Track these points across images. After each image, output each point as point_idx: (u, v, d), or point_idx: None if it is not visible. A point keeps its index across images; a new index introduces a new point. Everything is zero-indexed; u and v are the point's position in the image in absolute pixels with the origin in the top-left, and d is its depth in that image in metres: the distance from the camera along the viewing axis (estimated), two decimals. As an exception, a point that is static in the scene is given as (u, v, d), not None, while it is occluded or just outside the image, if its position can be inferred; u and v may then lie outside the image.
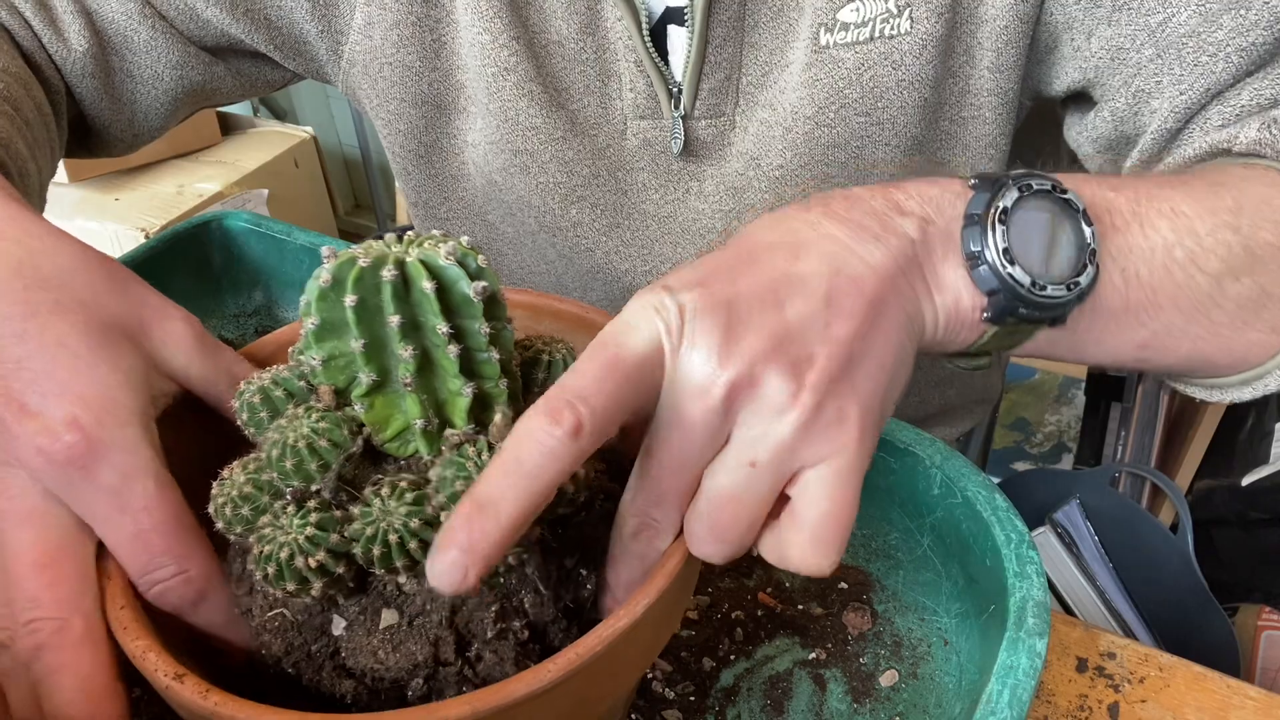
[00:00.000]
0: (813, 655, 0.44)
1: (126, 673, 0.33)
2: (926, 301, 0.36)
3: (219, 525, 0.34)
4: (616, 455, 0.37)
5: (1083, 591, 1.24)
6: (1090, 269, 0.36)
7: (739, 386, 0.31)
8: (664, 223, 0.65)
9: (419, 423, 0.33)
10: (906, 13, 0.55)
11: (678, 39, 0.59)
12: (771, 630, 0.45)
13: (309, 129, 1.89)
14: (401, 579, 0.33)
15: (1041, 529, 1.24)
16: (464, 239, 0.33)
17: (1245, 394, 0.45)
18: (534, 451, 0.29)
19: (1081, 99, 0.59)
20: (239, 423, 0.36)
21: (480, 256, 0.33)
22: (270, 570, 0.31)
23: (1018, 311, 0.35)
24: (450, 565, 0.28)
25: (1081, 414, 1.69)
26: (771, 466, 0.31)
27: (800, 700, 0.42)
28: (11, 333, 0.34)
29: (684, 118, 0.60)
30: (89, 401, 0.34)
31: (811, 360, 0.31)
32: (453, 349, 0.32)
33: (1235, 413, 1.42)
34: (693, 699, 0.42)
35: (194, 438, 0.37)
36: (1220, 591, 1.22)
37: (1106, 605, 1.24)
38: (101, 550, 0.34)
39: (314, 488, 0.33)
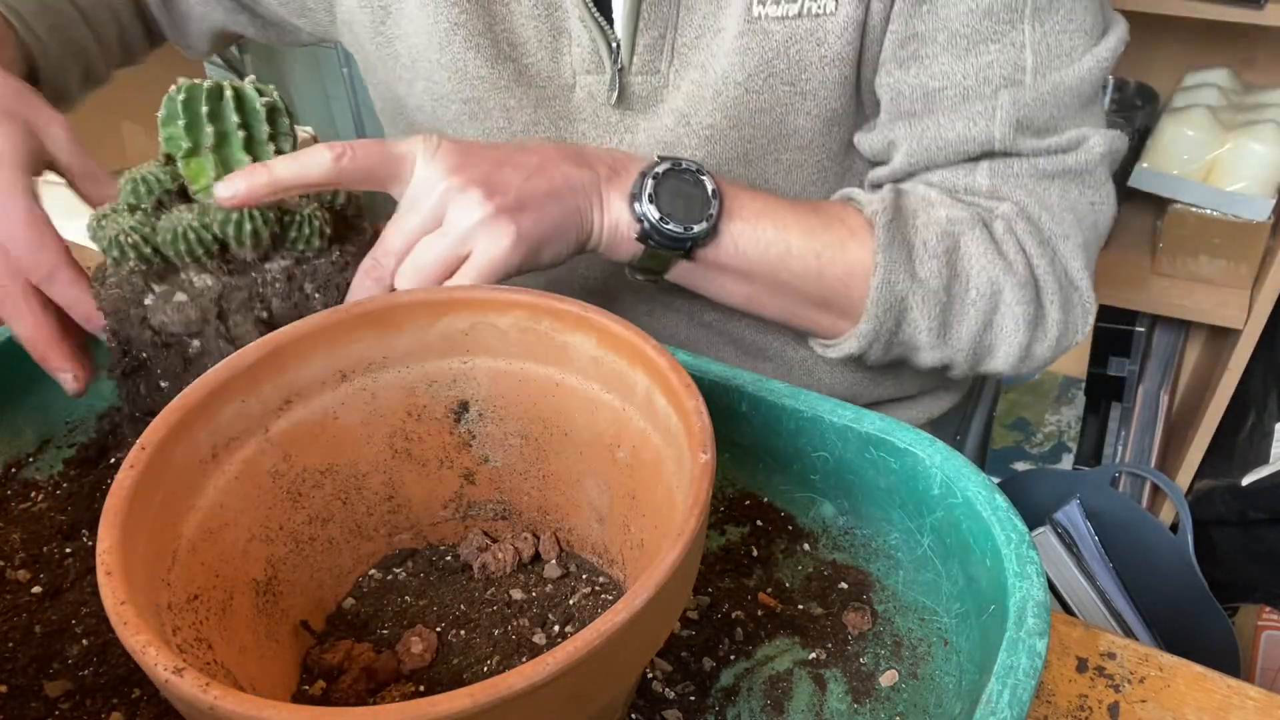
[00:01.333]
0: (813, 655, 0.44)
1: (131, 670, 0.33)
2: (596, 213, 0.56)
3: (90, 226, 0.50)
4: None
5: (1083, 591, 1.24)
6: (703, 224, 0.57)
7: (454, 189, 0.51)
8: None
9: (212, 174, 0.50)
10: None
11: None
12: (771, 630, 0.45)
13: (309, 129, 1.89)
14: (192, 274, 0.49)
15: (1041, 529, 1.24)
16: (271, 86, 0.51)
17: (829, 353, 0.66)
18: (308, 155, 0.49)
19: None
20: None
21: (273, 88, 0.51)
22: (104, 244, 0.48)
23: (655, 237, 0.56)
24: (230, 185, 0.48)
25: (1081, 414, 1.69)
26: (459, 237, 0.51)
27: (800, 700, 0.42)
28: None
29: (620, 71, 0.65)
30: None
31: (505, 192, 0.52)
32: (240, 133, 0.50)
33: (1235, 413, 1.42)
34: (693, 699, 0.42)
35: None
36: (1220, 591, 1.22)
37: (1106, 605, 1.24)
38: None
39: (142, 205, 0.50)
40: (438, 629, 0.43)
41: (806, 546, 0.49)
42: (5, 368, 0.55)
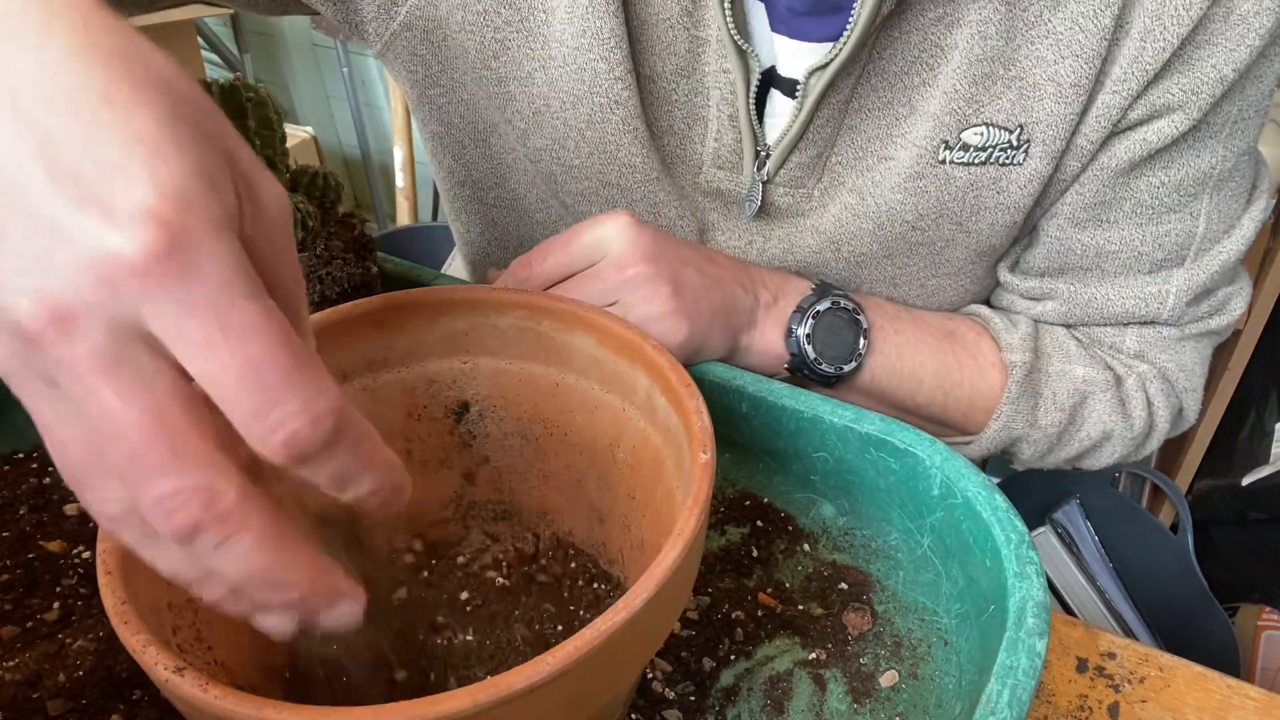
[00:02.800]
0: (813, 655, 0.44)
1: (131, 671, 0.33)
2: (747, 334, 0.58)
3: None
4: None
5: (1083, 591, 1.24)
6: (853, 364, 0.60)
7: (647, 276, 0.51)
8: None
9: None
10: (1025, 148, 0.58)
11: (782, 106, 0.59)
12: (771, 630, 0.45)
13: (309, 129, 1.89)
14: None
15: (1041, 529, 1.25)
16: (260, 84, 0.49)
17: (968, 451, 0.68)
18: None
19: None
20: None
21: (262, 85, 0.49)
22: None
23: (804, 370, 0.60)
24: None
25: (1081, 414, 1.69)
26: (635, 320, 0.49)
27: (800, 700, 0.42)
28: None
29: (765, 182, 0.62)
30: (167, 193, 0.24)
31: (686, 296, 0.53)
32: None
33: (1235, 413, 1.42)
34: (693, 699, 0.42)
35: None
36: (1220, 591, 1.22)
37: (1106, 605, 1.24)
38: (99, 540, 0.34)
39: None
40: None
41: (806, 547, 0.49)
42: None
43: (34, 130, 0.24)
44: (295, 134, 1.87)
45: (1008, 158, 0.59)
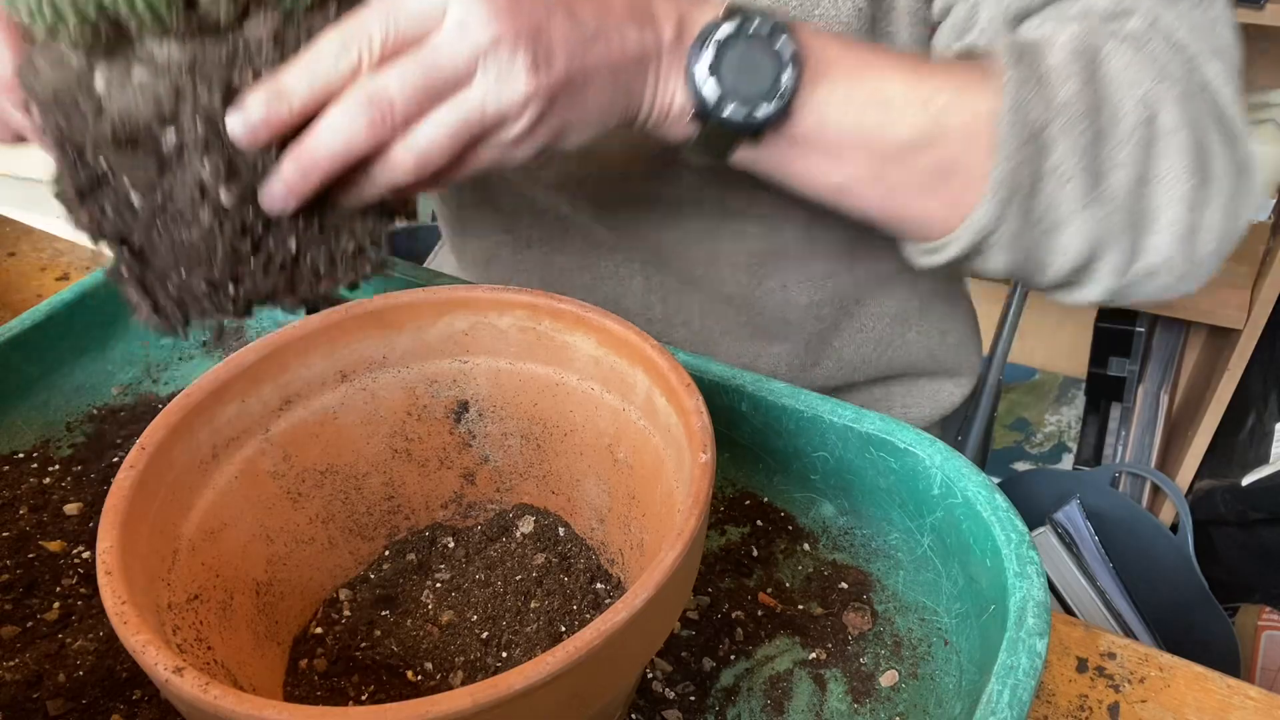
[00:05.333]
0: (813, 655, 0.44)
1: (131, 671, 0.33)
2: (650, 89, 0.45)
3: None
4: None
5: (1083, 591, 1.24)
6: (774, 103, 0.45)
7: (501, 44, 0.38)
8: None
9: None
10: None
11: None
12: (771, 630, 0.45)
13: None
14: (150, 43, 0.37)
15: (1041, 529, 1.25)
16: None
17: (925, 260, 0.52)
18: (319, 62, 0.38)
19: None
20: None
21: None
22: (25, 5, 0.35)
23: (709, 118, 0.45)
24: (244, 116, 0.37)
25: (1081, 414, 1.69)
26: (489, 120, 0.40)
27: (800, 700, 0.42)
28: None
29: None
30: None
31: (553, 60, 0.40)
32: None
33: (1235, 413, 1.42)
34: (693, 699, 0.42)
35: None
36: (1220, 591, 1.22)
37: (1106, 605, 1.24)
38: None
39: None
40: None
41: (806, 546, 0.49)
42: (5, 368, 0.55)
43: None
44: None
45: None
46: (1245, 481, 1.36)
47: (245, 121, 0.38)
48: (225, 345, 0.62)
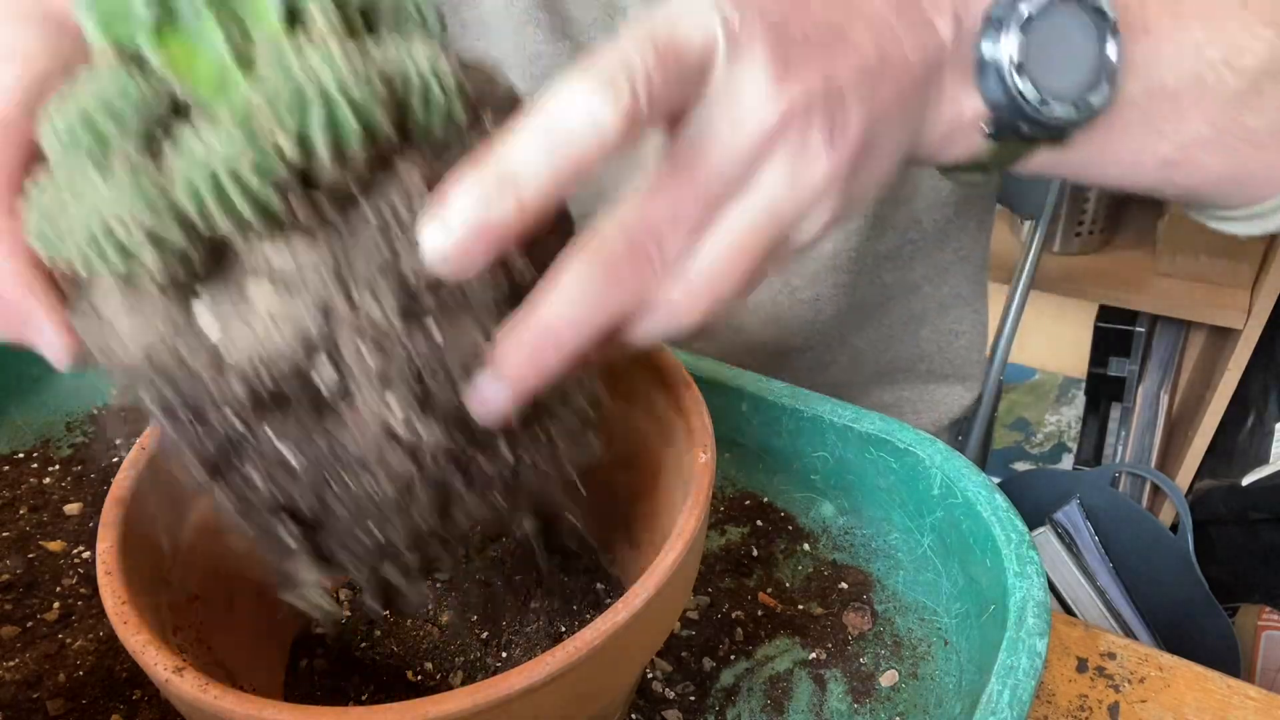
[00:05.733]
0: (813, 655, 0.44)
1: (131, 671, 0.33)
2: (933, 113, 0.33)
3: (34, 225, 0.26)
4: None
5: (1083, 591, 1.24)
6: (1105, 88, 0.33)
7: (791, 116, 0.27)
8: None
9: (225, 49, 0.25)
10: None
11: None
12: (771, 630, 0.45)
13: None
14: (263, 247, 0.25)
15: (1041, 529, 1.24)
16: None
17: (1254, 228, 0.41)
18: (559, 119, 0.24)
19: None
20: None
21: None
22: (81, 251, 0.24)
23: (1019, 128, 0.33)
24: (441, 232, 0.24)
25: (1081, 414, 1.69)
26: (785, 224, 0.28)
27: (800, 700, 0.42)
28: None
29: None
30: None
31: (846, 125, 0.28)
32: None
33: (1235, 413, 1.42)
34: (693, 699, 0.42)
35: None
36: (1220, 591, 1.22)
37: (1106, 605, 1.24)
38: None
39: (112, 151, 0.25)
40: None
41: (806, 546, 0.49)
42: (5, 368, 0.55)
43: None
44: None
45: None
46: (1245, 481, 1.36)
47: (448, 234, 0.24)
48: None
